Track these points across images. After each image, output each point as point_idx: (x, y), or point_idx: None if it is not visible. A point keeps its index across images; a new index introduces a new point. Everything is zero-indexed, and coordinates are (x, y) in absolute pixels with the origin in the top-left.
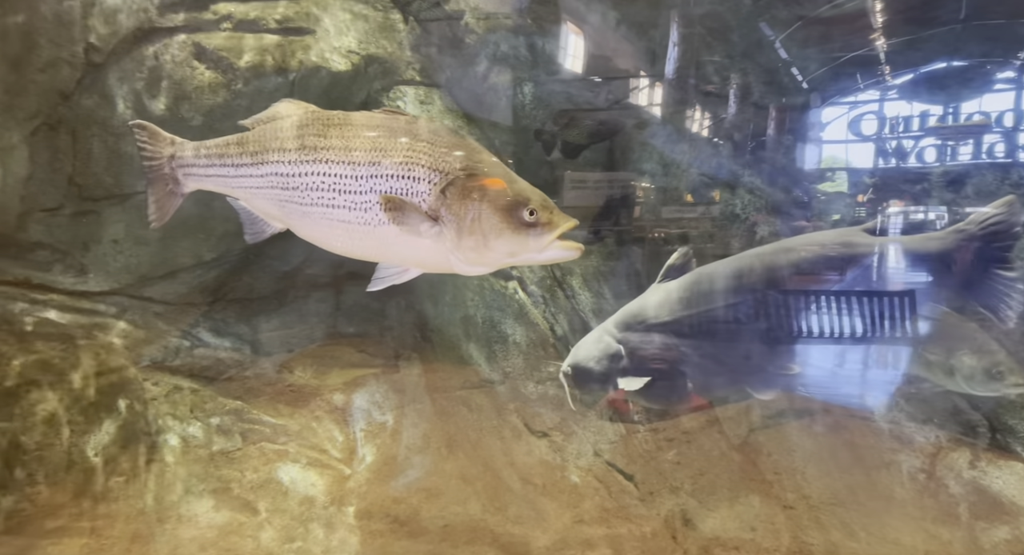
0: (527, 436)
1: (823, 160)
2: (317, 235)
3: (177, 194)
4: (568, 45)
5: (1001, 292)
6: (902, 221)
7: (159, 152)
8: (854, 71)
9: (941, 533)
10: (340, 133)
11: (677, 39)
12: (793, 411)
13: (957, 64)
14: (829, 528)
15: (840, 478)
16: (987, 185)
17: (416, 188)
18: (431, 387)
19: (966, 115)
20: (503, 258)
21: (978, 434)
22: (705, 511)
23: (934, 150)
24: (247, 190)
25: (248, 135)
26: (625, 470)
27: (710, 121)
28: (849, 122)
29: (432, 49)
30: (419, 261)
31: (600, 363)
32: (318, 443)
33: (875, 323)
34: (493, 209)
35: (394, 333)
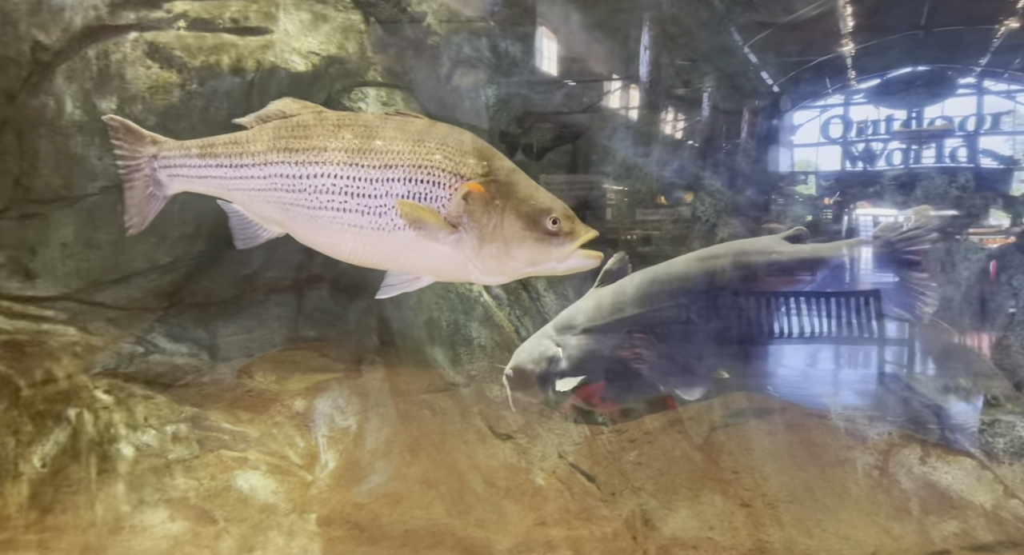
0: (491, 439)
1: (791, 163)
2: (323, 240)
3: (159, 197)
4: (532, 48)
5: (915, 293)
6: (847, 225)
7: (138, 151)
8: (821, 76)
9: (893, 528)
10: (352, 134)
11: (644, 43)
12: (752, 410)
13: (919, 70)
14: (785, 525)
15: (797, 475)
16: (936, 188)
17: (436, 193)
18: (395, 391)
19: (929, 120)
20: (523, 267)
21: (928, 430)
22: (665, 511)
23: (899, 154)
24: (246, 192)
25: (247, 134)
26: (588, 471)
27: (673, 124)
28: (805, 126)
29: (394, 51)
30: (434, 269)
31: (539, 365)
32: (278, 449)
33: (793, 325)
34: (516, 217)
35: (357, 337)
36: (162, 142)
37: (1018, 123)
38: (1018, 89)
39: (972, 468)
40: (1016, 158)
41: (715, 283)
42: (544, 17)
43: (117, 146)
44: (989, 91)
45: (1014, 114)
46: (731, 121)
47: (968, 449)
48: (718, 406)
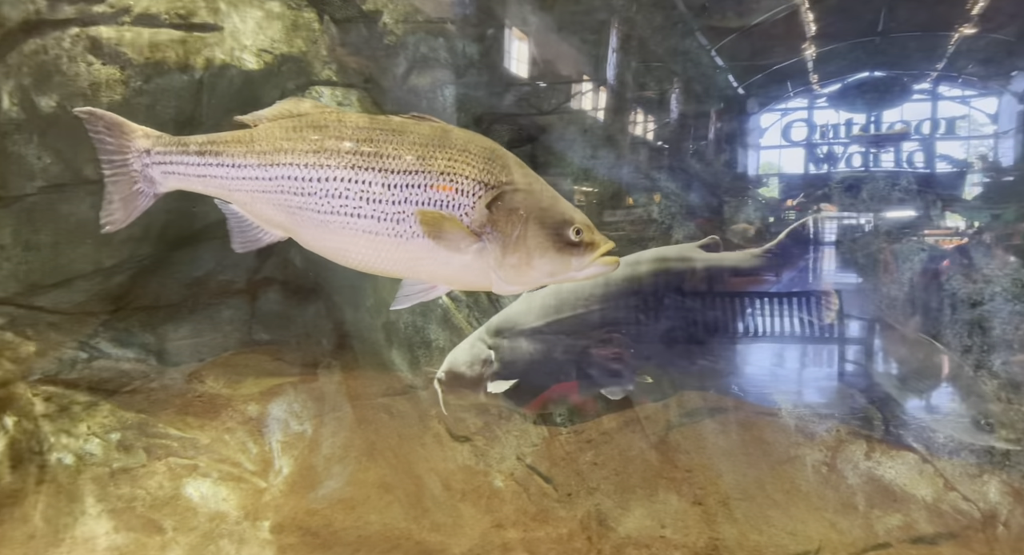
0: (449, 442)
1: (754, 165)
2: (334, 246)
3: (148, 194)
4: (490, 48)
5: (819, 298)
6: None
7: (125, 145)
8: (783, 80)
9: (840, 522)
10: (368, 136)
11: (608, 46)
12: (706, 409)
13: (877, 75)
14: (736, 522)
15: (748, 473)
16: (879, 191)
17: (459, 200)
18: (352, 395)
19: (888, 124)
20: (543, 277)
21: (874, 426)
22: (620, 511)
23: (858, 157)
24: (249, 194)
25: (253, 132)
26: (545, 473)
27: (633, 127)
28: (765, 129)
29: (349, 49)
30: (451, 278)
31: (472, 368)
32: (230, 456)
33: (707, 328)
34: (540, 227)
35: (313, 340)
36: (156, 137)
37: (973, 128)
38: (972, 94)
39: (914, 462)
40: (969, 162)
41: (637, 288)
42: (503, 18)
43: (98, 140)
44: (944, 96)
45: (969, 119)
46: (691, 124)
47: (911, 444)
48: (673, 406)
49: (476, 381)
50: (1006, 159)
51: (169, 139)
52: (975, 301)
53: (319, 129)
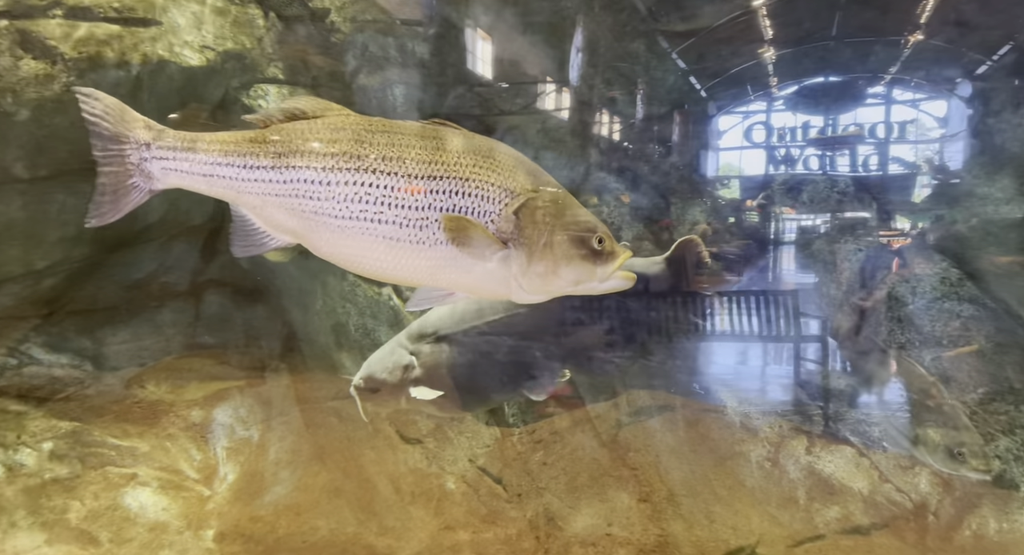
0: (400, 445)
1: (708, 167)
2: (351, 253)
3: (144, 190)
4: (440, 48)
5: (689, 308)
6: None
7: (125, 134)
8: (743, 83)
9: (779, 515)
10: (389, 141)
11: (562, 48)
12: (654, 408)
13: (832, 78)
14: (679, 518)
15: (693, 469)
16: (819, 193)
17: (485, 207)
18: (300, 398)
19: (843, 126)
20: (567, 286)
21: (814, 422)
22: (568, 510)
23: (815, 159)
24: (260, 197)
25: (265, 133)
26: (496, 474)
27: (586, 128)
28: (716, 131)
29: (295, 47)
30: (473, 286)
31: (392, 374)
32: (171, 464)
33: (622, 331)
34: (566, 235)
35: (260, 343)
36: (159, 130)
37: (921, 132)
38: (922, 98)
39: (852, 456)
40: (917, 164)
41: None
42: (452, 18)
43: (94, 124)
44: (896, 100)
45: (918, 123)
46: (643, 126)
47: (848, 438)
48: (623, 404)
49: (396, 387)
50: (953, 162)
51: (174, 134)
52: (905, 299)
53: (336, 131)
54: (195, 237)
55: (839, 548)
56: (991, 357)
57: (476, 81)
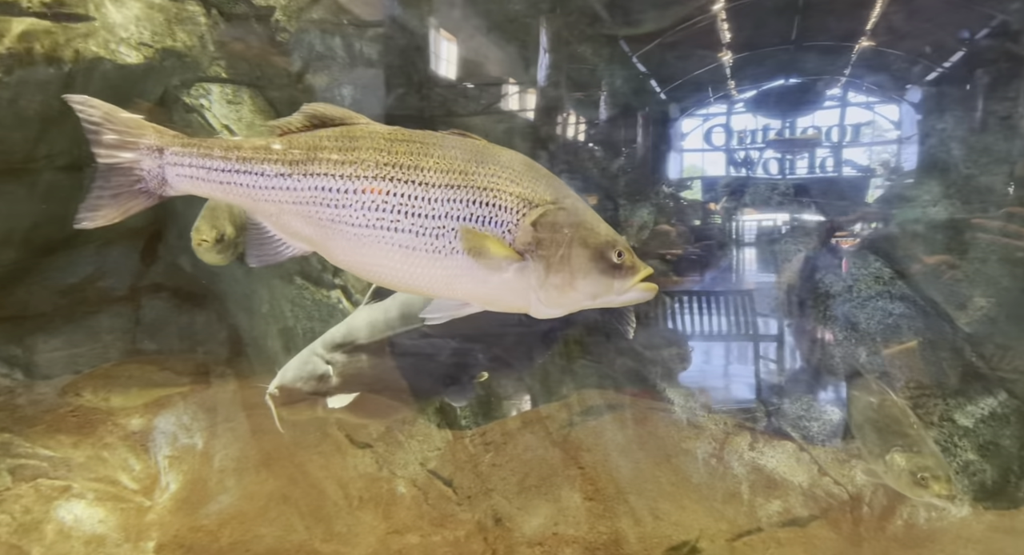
0: (350, 449)
1: (683, 169)
2: (365, 261)
3: (154, 195)
4: (389, 48)
5: (619, 314)
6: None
7: (130, 141)
8: (704, 85)
9: (723, 510)
10: (407, 149)
11: (515, 48)
12: (603, 407)
13: (792, 81)
14: (624, 515)
15: (639, 467)
16: (760, 195)
17: (502, 217)
18: (246, 404)
19: (801, 129)
20: (584, 300)
21: (757, 419)
22: (515, 510)
23: (774, 162)
24: (277, 204)
25: (283, 140)
26: (446, 476)
27: (537, 131)
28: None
29: (239, 45)
30: (489, 298)
31: (308, 384)
32: (109, 474)
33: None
34: (584, 248)
35: (205, 348)
36: (172, 135)
37: (877, 134)
38: (876, 101)
39: (793, 450)
40: (873, 166)
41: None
42: (401, 18)
43: (95, 131)
44: (851, 103)
45: (873, 125)
46: (593, 128)
47: (789, 434)
48: (573, 404)
49: (312, 396)
50: (898, 164)
51: (188, 140)
52: (840, 297)
53: (355, 139)
54: (135, 240)
55: (776, 540)
56: (921, 353)
57: (430, 81)
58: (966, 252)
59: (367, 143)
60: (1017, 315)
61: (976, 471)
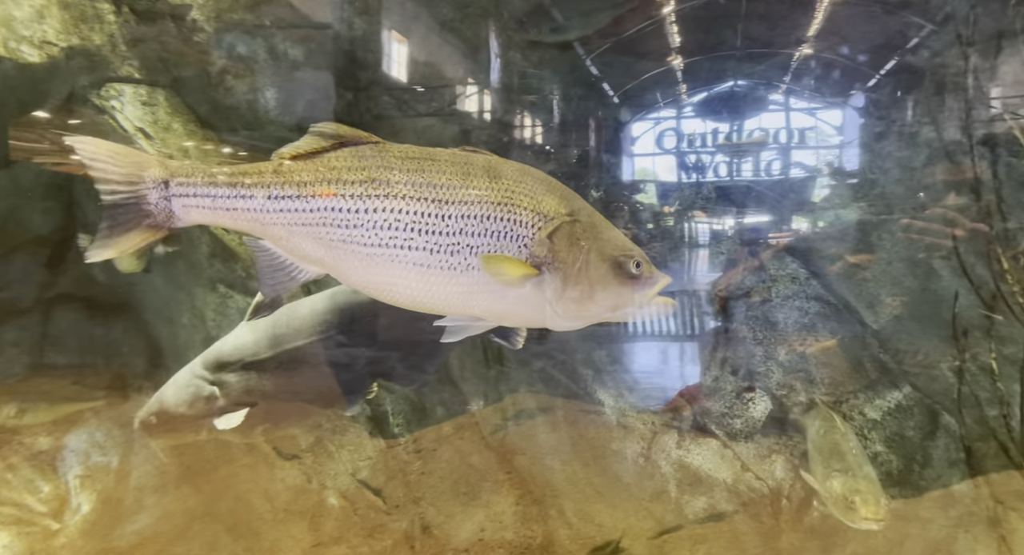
0: (277, 461)
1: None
2: (379, 281)
3: (162, 228)
4: (315, 51)
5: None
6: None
7: (136, 175)
8: (654, 89)
9: (651, 509)
10: (419, 166)
11: (442, 51)
12: (535, 410)
13: (737, 86)
14: (550, 518)
15: (566, 469)
16: (685, 198)
17: (518, 232)
18: None
19: (748, 132)
20: (604, 312)
21: (683, 417)
22: (443, 517)
23: (724, 165)
24: (286, 228)
25: (289, 162)
26: (375, 485)
27: (467, 134)
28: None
29: (152, 45)
30: (507, 313)
31: (193, 407)
32: (13, 497)
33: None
34: (601, 259)
35: (121, 360)
36: (175, 166)
37: (820, 138)
38: (818, 107)
39: (717, 448)
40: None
41: (363, 311)
42: (328, 19)
43: (99, 170)
44: (795, 108)
45: (817, 130)
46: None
47: (714, 431)
48: (507, 408)
49: (196, 420)
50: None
51: (191, 168)
52: (760, 298)
53: (364, 158)
54: (41, 248)
55: (697, 536)
56: (834, 350)
57: (353, 85)
58: (873, 253)
59: (377, 162)
60: (920, 313)
61: (883, 462)
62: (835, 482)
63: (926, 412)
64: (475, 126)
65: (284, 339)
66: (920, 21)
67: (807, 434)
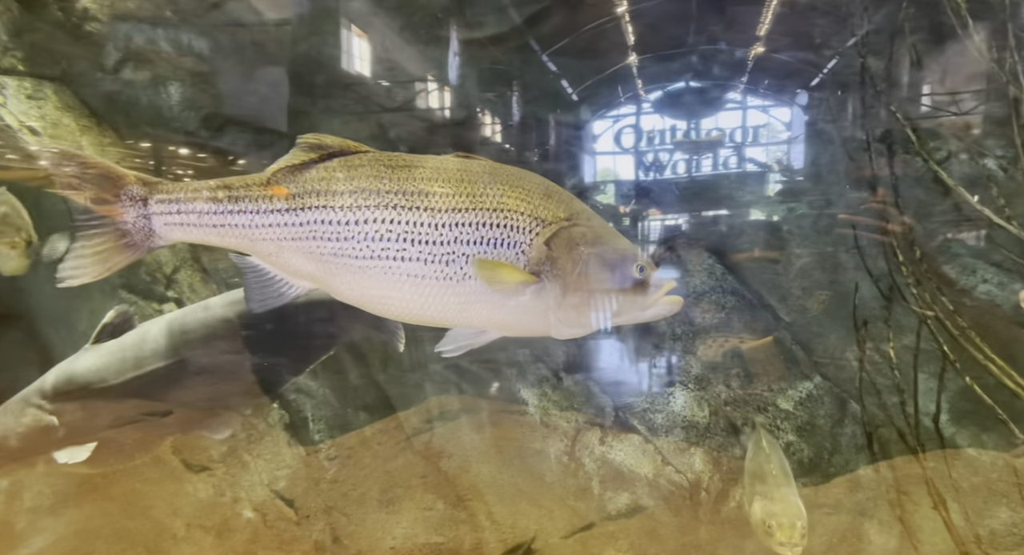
0: (185, 474)
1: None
2: (374, 294)
3: (142, 248)
4: (221, 45)
5: (389, 327)
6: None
7: (113, 196)
8: (613, 86)
9: (579, 506)
10: (409, 174)
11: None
12: (458, 412)
13: (692, 85)
14: (462, 523)
15: (483, 471)
16: (626, 194)
17: (515, 238)
18: None
19: (706, 130)
20: (608, 318)
21: (606, 414)
22: (353, 526)
23: (681, 163)
24: (275, 243)
25: (277, 175)
26: (288, 495)
27: (381, 132)
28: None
29: (40, 35)
30: (507, 323)
31: (27, 440)
32: None
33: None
34: (602, 264)
35: (11, 374)
36: (155, 183)
37: (772, 135)
38: (771, 104)
39: (639, 443)
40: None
41: (219, 332)
42: (236, 11)
43: (70, 186)
44: (750, 106)
45: (770, 127)
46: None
47: (636, 427)
48: (431, 409)
49: (31, 452)
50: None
51: (172, 185)
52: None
53: (353, 168)
54: None
55: (617, 531)
56: (770, 347)
57: (269, 81)
58: (783, 248)
59: (367, 171)
60: (828, 306)
61: (795, 451)
62: (756, 505)
63: (835, 401)
64: (391, 122)
65: (133, 365)
66: (823, 22)
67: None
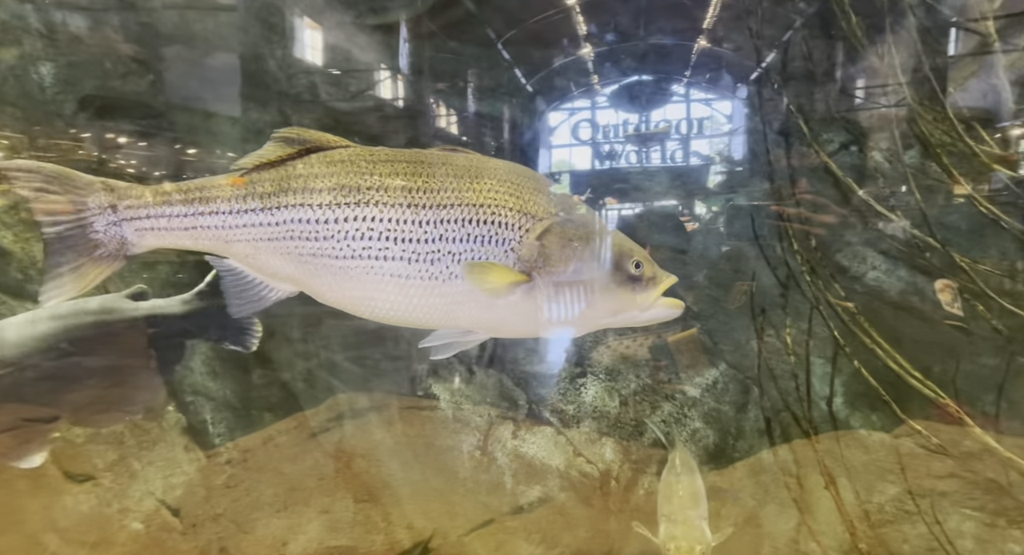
0: (64, 484)
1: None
2: (356, 296)
3: (117, 257)
4: (102, 23)
5: (240, 326)
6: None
7: (79, 202)
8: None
9: (491, 502)
10: (392, 170)
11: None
12: (367, 409)
13: (642, 78)
14: (357, 525)
15: (383, 470)
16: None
17: (503, 235)
18: None
19: (654, 123)
20: (602, 318)
21: (519, 407)
22: (242, 534)
23: (633, 154)
24: (251, 244)
25: (251, 173)
26: (172, 504)
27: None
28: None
29: None
30: (496, 324)
31: None
32: None
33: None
34: (596, 260)
35: None
36: (123, 188)
37: (715, 127)
38: (714, 98)
39: (551, 435)
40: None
41: (55, 344)
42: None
43: (36, 199)
44: (694, 99)
45: (713, 119)
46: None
47: (548, 419)
48: (340, 406)
49: None
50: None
51: (140, 189)
52: None
53: (332, 164)
54: None
55: (529, 523)
56: (694, 339)
57: (159, 62)
58: (691, 239)
59: (346, 167)
60: (732, 293)
61: (701, 438)
62: (661, 527)
63: (739, 387)
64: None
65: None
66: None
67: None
